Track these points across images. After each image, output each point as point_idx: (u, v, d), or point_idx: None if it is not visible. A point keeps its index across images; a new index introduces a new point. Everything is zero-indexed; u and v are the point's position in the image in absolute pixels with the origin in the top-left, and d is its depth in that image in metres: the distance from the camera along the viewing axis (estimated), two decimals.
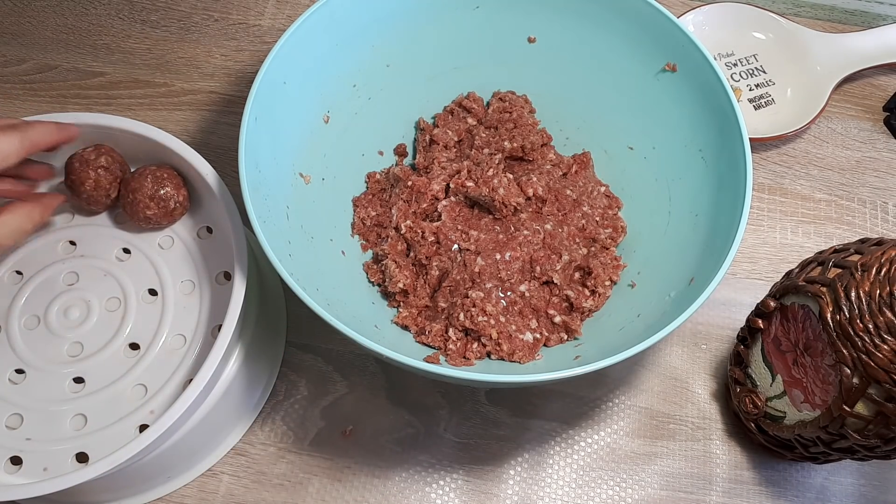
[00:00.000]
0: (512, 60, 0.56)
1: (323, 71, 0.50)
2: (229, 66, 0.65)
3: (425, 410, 0.52)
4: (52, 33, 0.66)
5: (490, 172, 0.50)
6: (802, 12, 0.73)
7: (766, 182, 0.63)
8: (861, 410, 0.40)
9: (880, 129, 0.67)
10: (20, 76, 0.64)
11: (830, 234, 0.61)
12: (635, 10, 0.50)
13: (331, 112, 0.52)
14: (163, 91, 0.64)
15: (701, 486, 0.51)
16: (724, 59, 0.68)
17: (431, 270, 0.50)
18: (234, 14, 0.68)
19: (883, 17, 0.72)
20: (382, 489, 0.50)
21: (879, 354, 0.38)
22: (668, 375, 0.55)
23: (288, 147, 0.48)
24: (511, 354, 0.47)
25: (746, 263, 0.60)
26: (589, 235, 0.52)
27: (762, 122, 0.64)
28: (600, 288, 0.49)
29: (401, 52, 0.54)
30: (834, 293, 0.40)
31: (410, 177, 0.52)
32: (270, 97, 0.46)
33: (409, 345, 0.48)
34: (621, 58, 0.53)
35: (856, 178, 0.64)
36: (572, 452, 0.52)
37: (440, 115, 0.57)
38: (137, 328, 0.47)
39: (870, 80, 0.69)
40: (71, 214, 0.51)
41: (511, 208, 0.50)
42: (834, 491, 0.52)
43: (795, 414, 0.45)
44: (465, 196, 0.51)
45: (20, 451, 0.44)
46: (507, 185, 0.50)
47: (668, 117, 0.51)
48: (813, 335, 0.42)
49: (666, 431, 0.53)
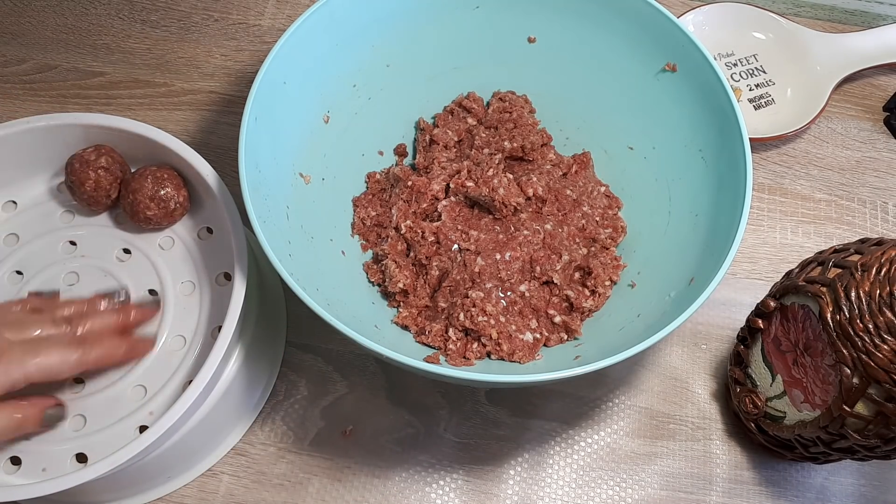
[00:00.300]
0: (512, 60, 0.56)
1: (323, 71, 0.50)
2: (229, 66, 0.65)
3: (425, 410, 0.52)
4: (52, 33, 0.66)
5: (490, 172, 0.50)
6: (802, 12, 0.73)
7: (766, 182, 0.63)
8: (861, 410, 0.40)
9: (880, 129, 0.67)
10: (20, 76, 0.64)
11: (830, 234, 0.61)
12: (635, 10, 0.50)
13: (331, 112, 0.52)
14: (163, 91, 0.64)
15: (701, 486, 0.51)
16: (724, 59, 0.68)
17: (431, 270, 0.50)
18: (234, 14, 0.68)
19: (883, 17, 0.72)
20: (382, 489, 0.50)
21: (879, 354, 0.38)
22: (668, 375, 0.55)
23: (288, 147, 0.48)
24: (511, 354, 0.47)
25: (746, 263, 0.60)
26: (589, 235, 0.52)
27: (762, 122, 0.64)
28: (600, 288, 0.49)
29: (401, 52, 0.54)
30: (834, 293, 0.40)
31: (410, 177, 0.52)
32: (270, 97, 0.46)
33: (409, 345, 0.48)
34: (621, 58, 0.53)
35: (856, 178, 0.64)
36: (572, 452, 0.52)
37: (440, 115, 0.57)
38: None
39: (870, 80, 0.69)
40: (71, 215, 0.51)
41: (511, 208, 0.50)
42: (834, 491, 0.52)
43: (795, 414, 0.45)
44: (465, 196, 0.51)
45: (20, 451, 0.44)
46: (507, 185, 0.50)
47: (668, 117, 0.51)
48: (813, 335, 0.42)
49: (666, 431, 0.53)
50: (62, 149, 0.49)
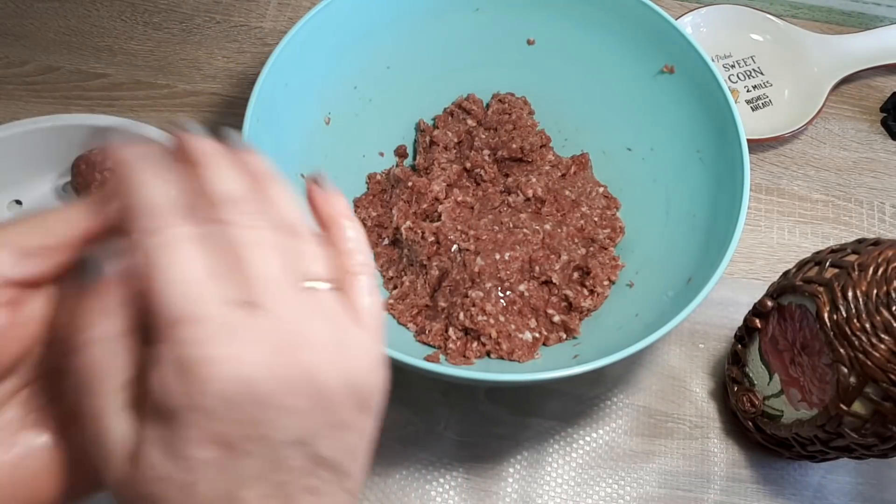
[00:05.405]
0: (511, 62, 0.56)
1: (324, 73, 0.50)
2: (231, 68, 0.66)
3: (425, 409, 0.53)
4: (55, 35, 0.66)
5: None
6: (800, 14, 0.73)
7: (764, 183, 0.64)
8: (858, 409, 0.40)
9: (877, 130, 0.67)
10: (23, 78, 0.64)
11: (827, 234, 0.62)
12: (634, 13, 0.51)
13: (332, 114, 0.52)
14: (165, 93, 0.64)
15: (699, 485, 0.52)
16: (722, 61, 0.68)
17: (431, 270, 0.50)
18: (235, 16, 0.68)
19: (880, 19, 0.72)
20: (383, 486, 0.50)
21: (876, 354, 0.38)
22: (666, 374, 0.55)
23: (289, 148, 0.48)
24: (510, 353, 0.47)
25: (744, 263, 0.60)
26: (587, 235, 0.52)
27: (760, 123, 0.65)
28: (599, 288, 0.50)
29: (401, 54, 0.54)
30: (831, 293, 0.40)
31: (411, 178, 0.52)
32: (272, 99, 0.46)
33: (410, 344, 0.49)
34: (620, 60, 0.53)
35: (853, 178, 0.64)
36: (571, 451, 0.52)
37: (440, 116, 0.57)
38: None
39: (867, 82, 0.69)
40: None
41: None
42: (831, 489, 0.52)
43: (793, 413, 0.45)
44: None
45: None
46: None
47: (666, 118, 0.52)
48: (810, 334, 0.42)
49: (664, 430, 0.53)
50: (67, 149, 0.50)
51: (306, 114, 0.50)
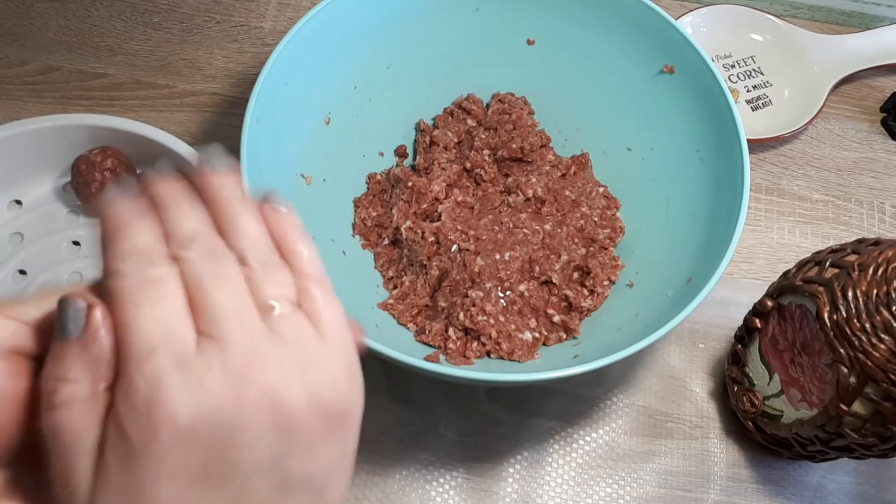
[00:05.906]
0: (511, 62, 0.56)
1: (324, 73, 0.50)
2: (231, 68, 0.66)
3: (425, 409, 0.53)
4: (55, 35, 0.66)
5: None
6: (800, 14, 0.73)
7: (764, 183, 0.64)
8: (858, 409, 0.40)
9: (877, 130, 0.67)
10: (23, 77, 0.64)
11: (827, 234, 0.62)
12: (634, 13, 0.51)
13: (332, 114, 0.52)
14: (165, 92, 0.64)
15: (699, 484, 0.52)
16: (722, 61, 0.68)
17: (431, 270, 0.50)
18: (235, 16, 0.69)
19: (880, 19, 0.72)
20: (383, 486, 0.50)
21: (876, 354, 0.38)
22: (666, 374, 0.55)
23: (289, 148, 0.48)
24: (510, 353, 0.47)
25: (744, 263, 0.60)
26: (587, 235, 0.52)
27: (759, 123, 0.65)
28: (599, 288, 0.50)
29: (401, 54, 0.54)
30: (831, 293, 0.40)
31: (411, 178, 0.52)
32: (272, 99, 0.46)
33: (410, 344, 0.49)
34: (620, 60, 0.53)
35: (853, 178, 0.64)
36: (571, 451, 0.52)
37: (440, 116, 0.57)
38: None
39: (867, 82, 0.69)
40: (76, 215, 0.51)
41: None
42: (831, 489, 0.52)
43: (793, 413, 0.45)
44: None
45: None
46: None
47: (666, 118, 0.52)
48: (810, 334, 0.42)
49: (664, 430, 0.53)
50: (67, 149, 0.50)
51: (306, 114, 0.50)
